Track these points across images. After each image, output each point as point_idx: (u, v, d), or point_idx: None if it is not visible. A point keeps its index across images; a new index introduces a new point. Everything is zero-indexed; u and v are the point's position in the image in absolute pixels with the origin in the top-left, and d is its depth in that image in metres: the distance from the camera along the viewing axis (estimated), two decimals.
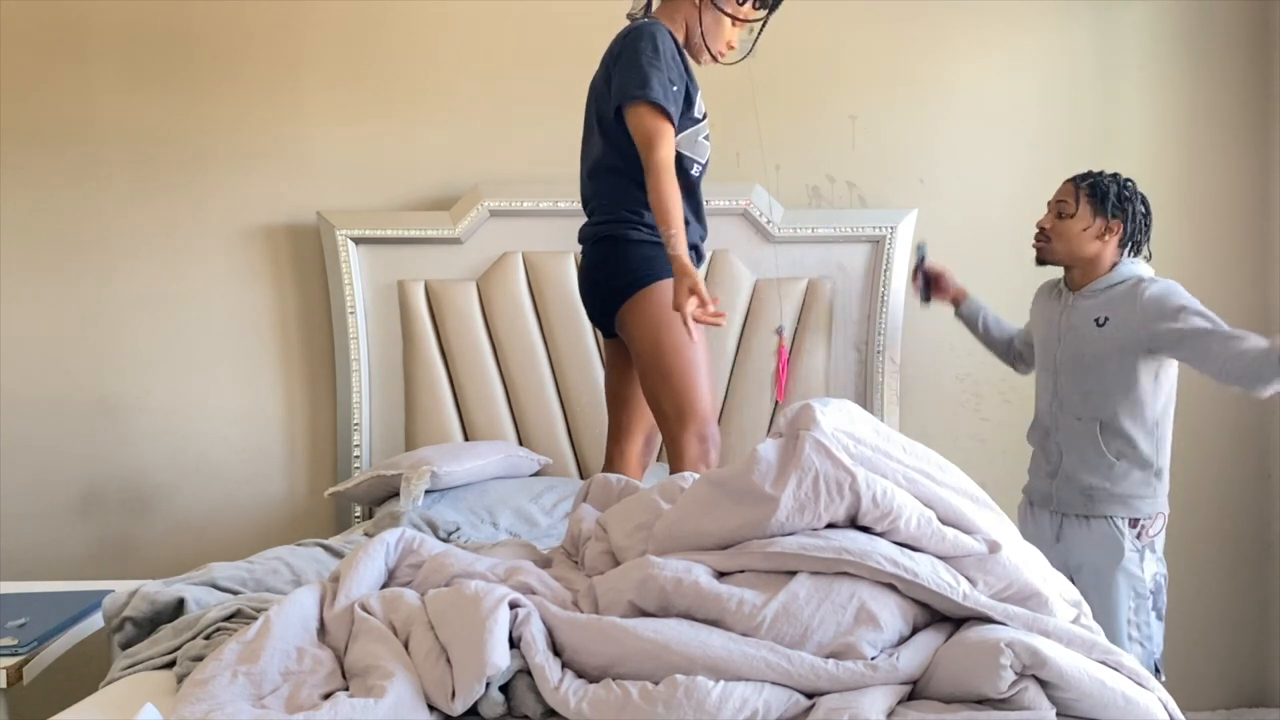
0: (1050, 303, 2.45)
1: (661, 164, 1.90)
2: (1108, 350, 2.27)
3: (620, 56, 1.99)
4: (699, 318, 1.81)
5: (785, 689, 1.14)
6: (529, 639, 1.20)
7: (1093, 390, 2.30)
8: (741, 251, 2.94)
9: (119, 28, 2.90)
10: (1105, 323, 2.28)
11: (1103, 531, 2.28)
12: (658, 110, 1.92)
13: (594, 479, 1.75)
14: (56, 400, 2.93)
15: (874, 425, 1.41)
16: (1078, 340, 2.33)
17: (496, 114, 2.97)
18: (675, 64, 1.99)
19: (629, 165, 1.99)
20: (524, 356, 2.89)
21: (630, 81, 1.93)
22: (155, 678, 1.37)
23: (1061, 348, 2.37)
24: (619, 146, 2.02)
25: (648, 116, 1.92)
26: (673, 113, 1.94)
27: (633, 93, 1.93)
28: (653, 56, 1.94)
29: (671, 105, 1.94)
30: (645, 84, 1.91)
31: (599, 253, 2.09)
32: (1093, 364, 2.29)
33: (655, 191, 1.88)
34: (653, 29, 1.99)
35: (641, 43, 1.96)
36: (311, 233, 2.93)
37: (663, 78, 1.93)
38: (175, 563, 2.65)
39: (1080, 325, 2.32)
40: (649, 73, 1.92)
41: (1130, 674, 1.18)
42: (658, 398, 2.03)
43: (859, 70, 3.04)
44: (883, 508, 1.29)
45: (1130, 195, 2.33)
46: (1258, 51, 3.07)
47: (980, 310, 2.71)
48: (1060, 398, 2.37)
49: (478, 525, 2.37)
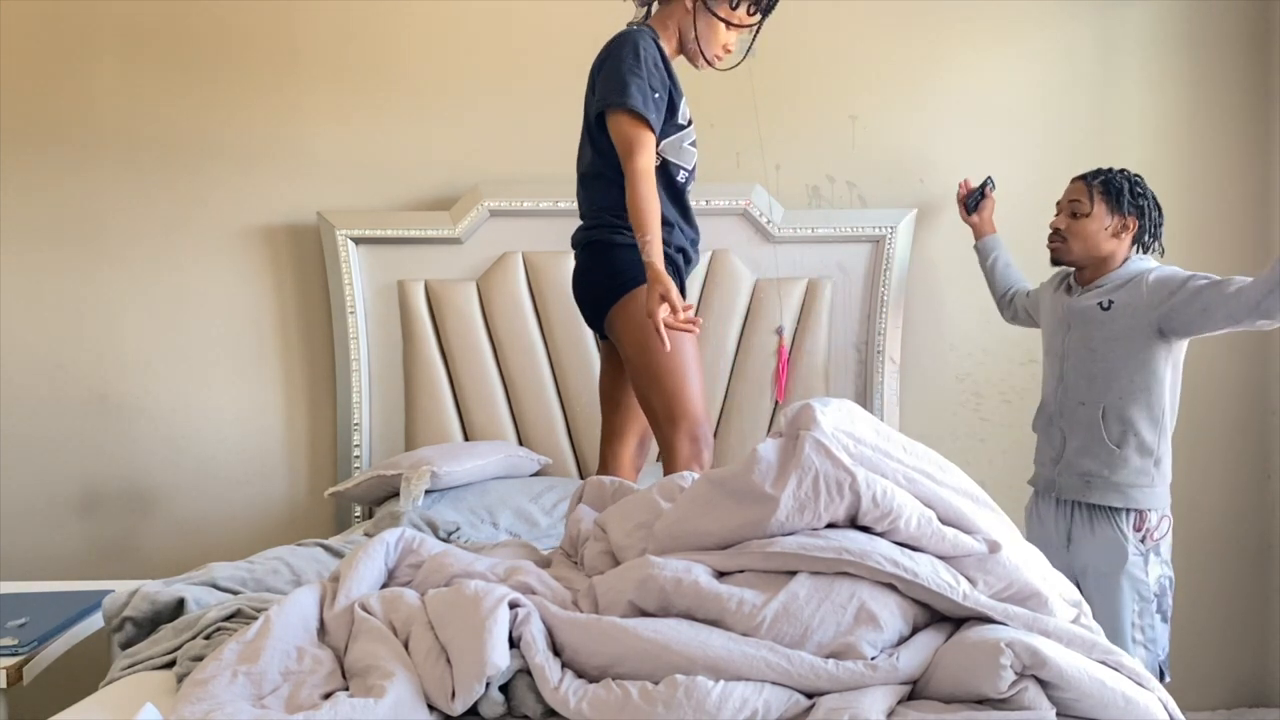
0: (1059, 294, 2.45)
1: (639, 171, 1.92)
2: (1115, 333, 2.27)
3: (604, 64, 2.01)
4: (670, 324, 1.82)
5: (785, 689, 1.14)
6: (529, 639, 1.20)
7: (1098, 375, 2.29)
8: (741, 251, 2.94)
9: (119, 27, 2.90)
10: (1110, 306, 2.28)
11: (1107, 535, 2.27)
12: (637, 118, 1.94)
13: (588, 481, 1.76)
14: (56, 400, 2.93)
15: (874, 425, 1.41)
16: (1084, 325, 2.32)
17: (496, 114, 2.97)
18: (658, 71, 2.00)
19: (613, 172, 2.00)
20: (524, 356, 2.89)
21: (611, 89, 1.96)
22: (155, 678, 1.37)
23: (1070, 334, 2.36)
24: (604, 153, 2.05)
25: (626, 124, 1.95)
26: (652, 120, 1.96)
27: (612, 100, 1.95)
28: (634, 64, 1.96)
29: (651, 113, 1.95)
30: (624, 91, 1.94)
31: (587, 258, 2.12)
32: (1100, 347, 2.29)
33: (632, 198, 1.91)
34: (636, 36, 2.01)
35: (623, 50, 1.98)
36: (311, 233, 2.93)
37: (643, 85, 1.95)
38: (175, 563, 2.65)
39: (1087, 311, 2.32)
40: (629, 80, 1.94)
41: (1130, 674, 1.18)
42: (648, 399, 2.04)
43: (859, 70, 3.03)
44: (883, 507, 1.29)
45: (1142, 191, 2.34)
46: (1258, 50, 3.07)
47: (996, 250, 2.78)
48: (1066, 383, 2.37)
49: (478, 525, 2.37)
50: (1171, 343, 2.25)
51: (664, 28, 2.10)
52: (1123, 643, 2.23)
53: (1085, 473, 2.30)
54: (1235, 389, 3.12)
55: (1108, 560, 2.26)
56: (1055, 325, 2.43)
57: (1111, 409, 2.27)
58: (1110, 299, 2.29)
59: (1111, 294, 2.30)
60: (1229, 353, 3.07)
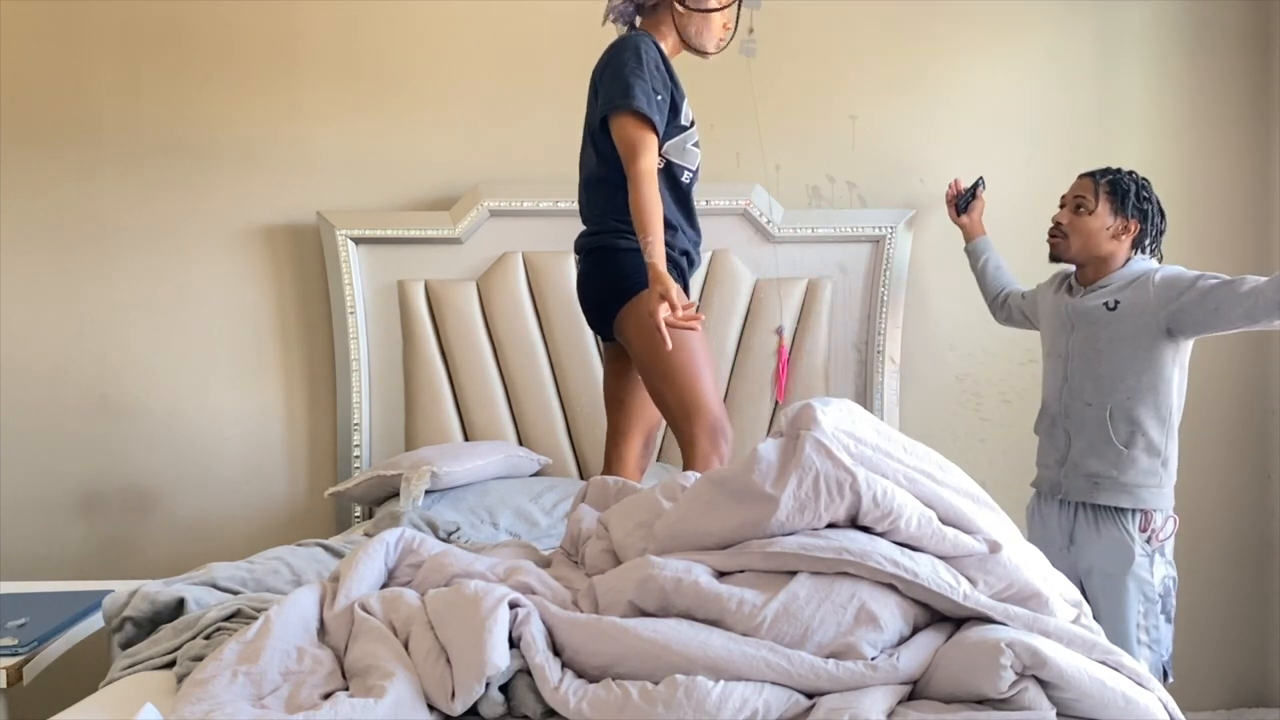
0: (1059, 295, 2.43)
1: (642, 173, 1.92)
2: (1121, 334, 2.25)
3: (605, 69, 2.02)
4: (671, 322, 1.83)
5: (785, 689, 1.14)
6: (529, 639, 1.20)
7: (1104, 375, 2.28)
8: (741, 251, 2.94)
9: (119, 27, 2.90)
10: (1116, 306, 2.26)
11: (1113, 536, 2.26)
12: (641, 119, 1.95)
13: (591, 481, 1.76)
14: (56, 400, 2.93)
15: (875, 425, 1.41)
16: (1089, 326, 2.30)
17: (496, 114, 2.97)
18: (659, 73, 2.02)
19: (617, 176, 2.01)
20: (524, 356, 2.89)
21: (614, 92, 1.97)
22: (155, 678, 1.37)
23: (1073, 335, 2.34)
24: (607, 158, 2.05)
25: (630, 126, 1.96)
26: (656, 121, 1.97)
27: (616, 103, 1.96)
28: (635, 67, 1.97)
29: (655, 114, 1.96)
30: (628, 93, 1.95)
31: (592, 263, 2.13)
32: (1105, 348, 2.27)
33: (634, 199, 1.92)
34: (636, 40, 2.02)
35: (625, 54, 1.99)
36: (311, 233, 2.93)
37: (646, 87, 1.96)
38: (175, 563, 2.66)
39: (1092, 311, 2.30)
40: (632, 82, 1.95)
41: (1130, 674, 1.18)
42: (663, 398, 2.04)
43: (859, 70, 3.04)
44: (883, 507, 1.29)
45: (1148, 195, 2.32)
46: (1258, 51, 3.07)
47: (987, 252, 2.77)
48: (1071, 384, 2.34)
49: (478, 525, 2.37)
50: (1179, 342, 2.24)
51: (658, 30, 2.12)
52: (1128, 644, 2.22)
53: (1093, 474, 2.29)
54: (1236, 389, 3.12)
55: (1114, 561, 2.25)
56: (1057, 326, 2.41)
57: (1119, 409, 2.26)
58: (1116, 299, 2.27)
59: (1117, 294, 2.28)
60: (1229, 352, 3.07)
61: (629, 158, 1.95)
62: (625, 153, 1.96)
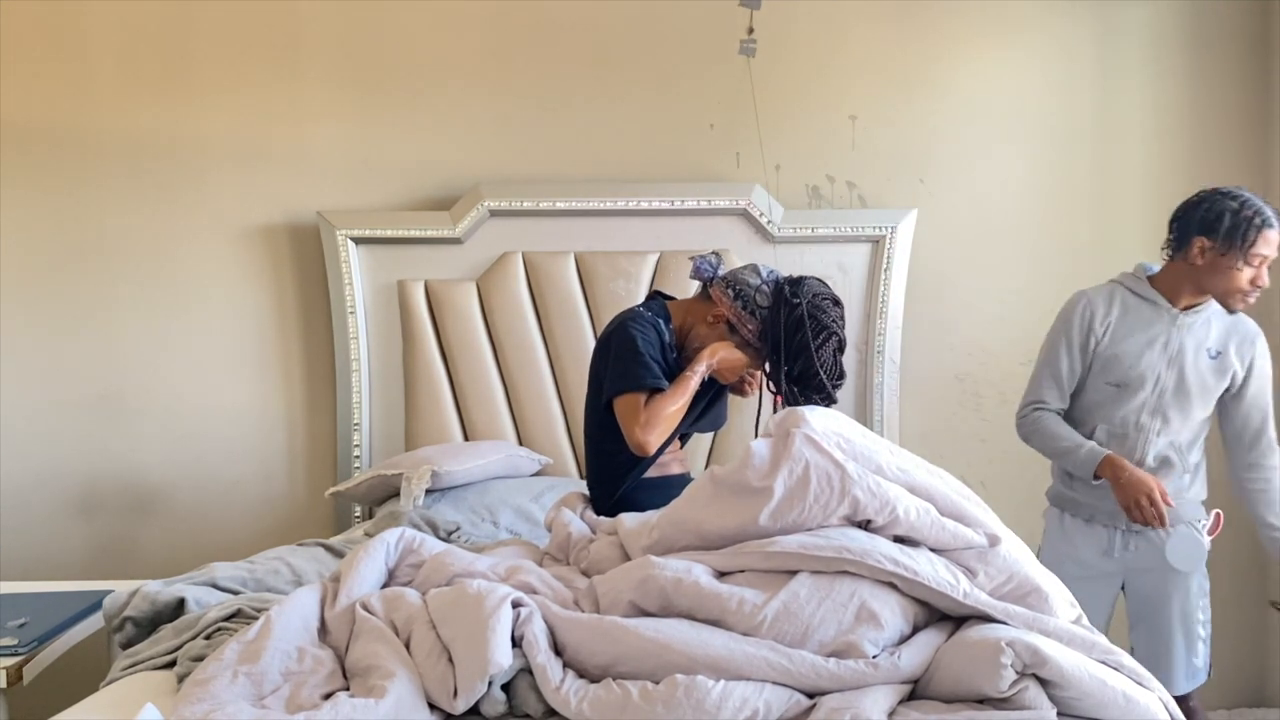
0: (1150, 320, 2.25)
1: (655, 421, 1.84)
2: (1212, 383, 2.24)
3: (608, 349, 1.96)
4: None
5: (786, 688, 1.14)
6: (531, 638, 1.20)
7: (1187, 411, 2.25)
8: (741, 251, 2.94)
9: (118, 29, 2.90)
10: (1218, 356, 2.23)
11: (1182, 531, 2.26)
12: (642, 394, 1.87)
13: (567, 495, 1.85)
14: (56, 400, 2.93)
15: (861, 430, 1.45)
16: (1183, 365, 2.23)
17: (496, 114, 2.96)
18: (656, 356, 1.94)
19: (618, 451, 1.92)
20: (524, 356, 2.89)
21: (618, 374, 1.90)
22: (155, 678, 1.38)
23: (1170, 371, 2.23)
24: (609, 432, 1.95)
25: (629, 405, 1.87)
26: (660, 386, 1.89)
27: (618, 386, 1.89)
28: (635, 351, 1.90)
29: (660, 382, 1.89)
30: (629, 376, 1.88)
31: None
32: (1194, 389, 2.23)
33: (668, 415, 1.86)
34: (630, 328, 1.94)
35: (623, 338, 1.93)
36: (311, 233, 2.93)
37: (646, 362, 1.89)
38: (175, 563, 2.65)
39: (1193, 352, 2.23)
40: (632, 367, 1.88)
41: (1130, 674, 1.18)
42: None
43: (859, 70, 3.03)
44: (880, 497, 1.30)
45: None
46: (1258, 50, 3.07)
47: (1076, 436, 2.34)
48: (1156, 416, 2.25)
49: (478, 525, 2.37)
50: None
51: (676, 311, 2.04)
52: (1192, 640, 2.26)
53: None
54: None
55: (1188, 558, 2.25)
56: (1149, 357, 2.23)
57: (1188, 444, 2.26)
58: (1218, 349, 2.23)
59: (1219, 341, 2.23)
60: None
61: (630, 433, 1.85)
62: (627, 431, 1.86)
